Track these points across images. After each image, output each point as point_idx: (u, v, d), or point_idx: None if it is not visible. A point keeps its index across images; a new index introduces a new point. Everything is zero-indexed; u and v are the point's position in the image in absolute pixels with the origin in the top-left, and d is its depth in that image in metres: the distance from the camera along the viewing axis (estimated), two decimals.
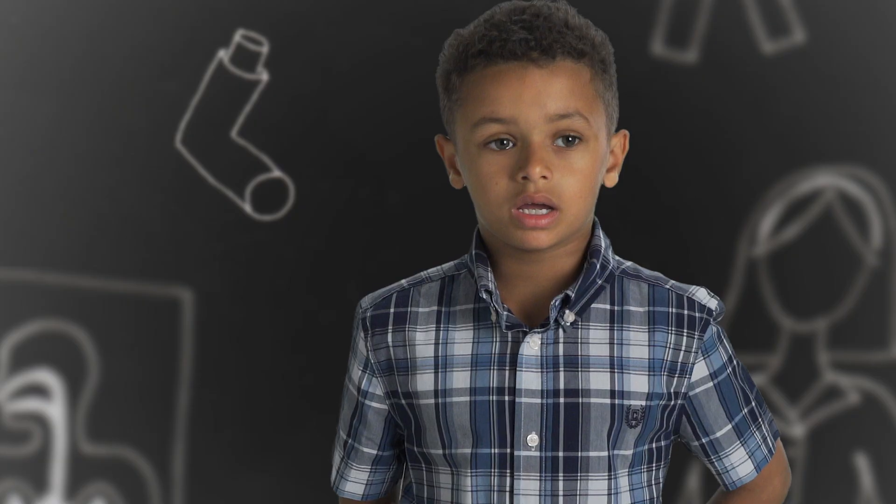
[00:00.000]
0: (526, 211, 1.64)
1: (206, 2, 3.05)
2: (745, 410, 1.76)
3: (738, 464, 1.77)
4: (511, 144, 1.64)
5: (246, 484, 3.11)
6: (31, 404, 3.09)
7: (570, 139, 1.65)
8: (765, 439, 1.78)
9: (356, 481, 1.81)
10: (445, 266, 1.77)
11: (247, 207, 3.05)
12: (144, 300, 3.09)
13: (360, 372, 1.76)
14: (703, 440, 1.75)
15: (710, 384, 1.74)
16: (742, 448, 1.76)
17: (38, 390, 3.09)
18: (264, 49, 3.02)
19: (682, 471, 3.13)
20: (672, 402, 1.71)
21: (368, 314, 1.75)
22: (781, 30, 3.13)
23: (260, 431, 3.12)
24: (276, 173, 3.05)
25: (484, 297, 1.68)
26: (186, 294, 3.10)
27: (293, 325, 3.12)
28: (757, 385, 1.81)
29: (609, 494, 1.69)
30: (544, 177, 1.63)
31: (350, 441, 1.79)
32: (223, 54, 3.01)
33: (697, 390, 1.73)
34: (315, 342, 3.07)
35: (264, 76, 3.03)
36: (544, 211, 1.64)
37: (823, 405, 3.17)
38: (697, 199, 3.15)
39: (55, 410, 3.09)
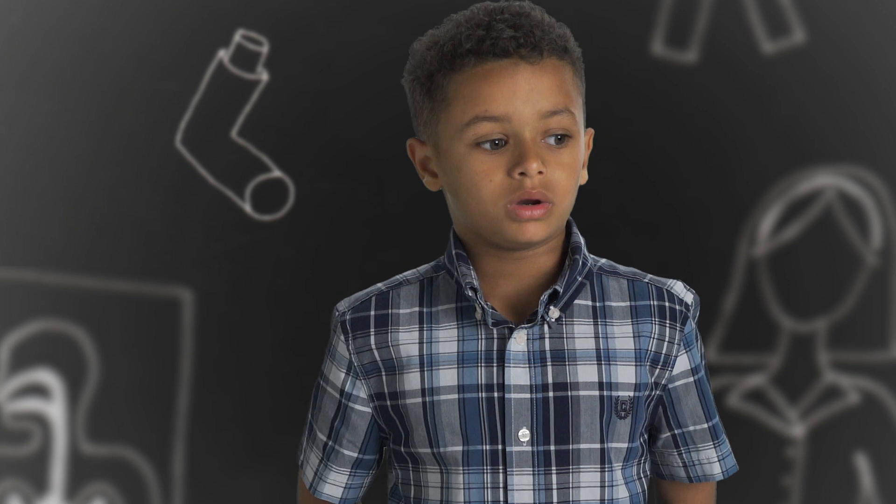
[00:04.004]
0: (521, 205, 1.65)
1: (206, 2, 3.05)
2: (717, 418, 1.80)
3: (707, 462, 1.79)
4: (503, 144, 1.65)
5: (246, 484, 3.11)
6: (31, 404, 3.09)
7: (560, 137, 1.66)
8: (731, 453, 1.81)
9: (335, 484, 1.81)
10: (421, 269, 1.78)
11: (247, 207, 3.05)
12: (144, 300, 3.09)
13: (342, 375, 1.76)
14: (676, 431, 1.77)
15: (691, 379, 1.76)
16: (714, 450, 1.79)
17: (38, 390, 3.09)
18: (264, 49, 3.02)
19: None
20: (653, 393, 1.73)
21: (348, 317, 1.76)
22: (781, 30, 3.13)
23: (260, 431, 3.12)
24: (276, 173, 3.05)
25: (469, 294, 1.68)
26: (186, 294, 3.10)
27: (293, 325, 3.12)
28: (757, 385, 1.83)
29: (602, 487, 1.70)
30: (540, 172, 1.64)
31: (330, 443, 1.79)
32: (223, 54, 3.01)
33: (677, 383, 1.75)
34: (315, 342, 3.06)
35: (264, 76, 3.03)
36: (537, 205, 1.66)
37: (823, 405, 3.17)
38: (697, 199, 3.15)
39: (55, 410, 3.09)
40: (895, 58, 3.14)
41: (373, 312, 1.75)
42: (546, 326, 1.69)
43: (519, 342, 1.68)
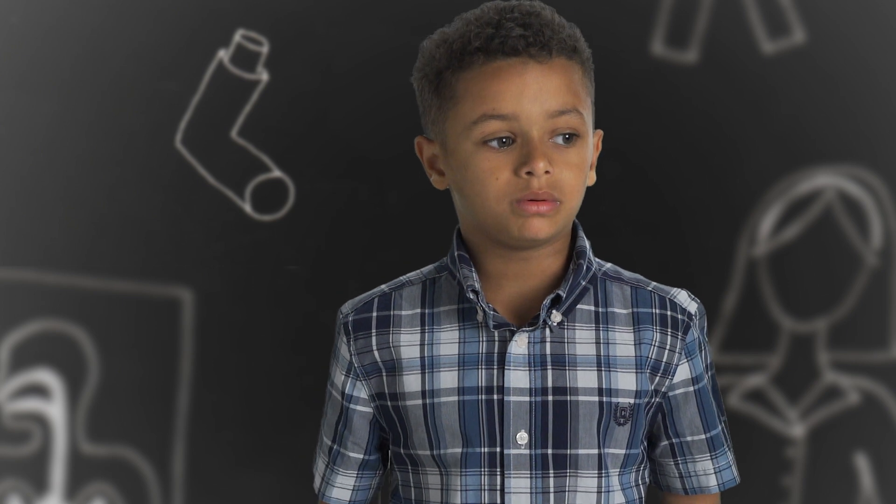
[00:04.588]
0: (528, 201, 1.64)
1: (206, 2, 3.05)
2: (720, 427, 1.79)
3: (702, 473, 1.79)
4: (511, 142, 1.65)
5: (246, 484, 3.11)
6: (31, 404, 3.09)
7: (568, 137, 1.66)
8: (734, 463, 1.81)
9: (343, 487, 1.81)
10: (425, 269, 1.78)
11: (247, 207, 3.05)
12: (144, 300, 3.09)
13: (343, 376, 1.76)
14: (674, 440, 1.77)
15: (691, 389, 1.75)
16: (710, 462, 1.79)
17: (38, 390, 3.09)
18: (264, 49, 3.02)
19: None
20: (653, 400, 1.73)
21: (350, 319, 1.76)
22: (781, 30, 3.13)
23: (260, 431, 3.11)
24: (276, 173, 3.05)
25: (471, 297, 1.68)
26: (186, 294, 3.10)
27: (293, 325, 3.11)
28: (757, 385, 1.83)
29: (599, 492, 1.70)
30: (547, 171, 1.63)
31: (335, 447, 1.79)
32: (223, 54, 3.01)
33: (677, 392, 1.75)
34: (315, 342, 3.07)
35: (264, 76, 3.03)
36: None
37: (823, 405, 3.17)
38: (697, 199, 3.15)
39: (55, 410, 3.09)
40: (895, 58, 3.14)
41: (375, 314, 1.75)
42: (548, 330, 1.69)
43: (520, 345, 1.68)
